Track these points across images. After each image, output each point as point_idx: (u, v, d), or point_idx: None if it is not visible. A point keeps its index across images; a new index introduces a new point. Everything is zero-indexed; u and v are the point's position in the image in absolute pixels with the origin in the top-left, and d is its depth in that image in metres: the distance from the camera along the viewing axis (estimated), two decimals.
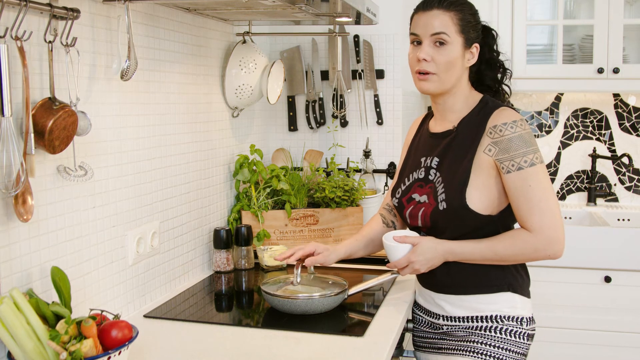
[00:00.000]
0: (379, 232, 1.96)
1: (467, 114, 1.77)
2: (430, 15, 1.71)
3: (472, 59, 1.77)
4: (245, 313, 1.93)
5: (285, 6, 1.78)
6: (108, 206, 1.68)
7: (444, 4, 1.71)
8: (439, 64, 1.71)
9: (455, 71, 1.73)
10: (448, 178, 1.73)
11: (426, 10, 1.72)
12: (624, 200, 3.50)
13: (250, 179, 2.40)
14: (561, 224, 1.66)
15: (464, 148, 1.73)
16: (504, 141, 1.66)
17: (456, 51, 1.71)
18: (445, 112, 1.81)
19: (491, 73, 1.85)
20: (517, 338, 1.73)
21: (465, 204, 1.68)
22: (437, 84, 1.73)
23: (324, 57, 2.86)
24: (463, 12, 1.72)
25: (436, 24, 1.70)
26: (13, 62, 1.31)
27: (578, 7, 3.38)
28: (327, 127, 2.86)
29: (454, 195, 1.69)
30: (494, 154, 1.68)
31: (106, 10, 1.63)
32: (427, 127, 1.90)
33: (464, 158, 1.72)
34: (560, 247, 1.65)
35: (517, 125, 1.67)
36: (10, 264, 1.36)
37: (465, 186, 1.69)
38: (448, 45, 1.70)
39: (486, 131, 1.70)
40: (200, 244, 2.20)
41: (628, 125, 3.46)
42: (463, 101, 1.79)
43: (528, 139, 1.67)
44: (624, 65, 3.13)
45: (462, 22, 1.71)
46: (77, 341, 1.23)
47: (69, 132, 1.41)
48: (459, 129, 1.77)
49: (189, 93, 2.10)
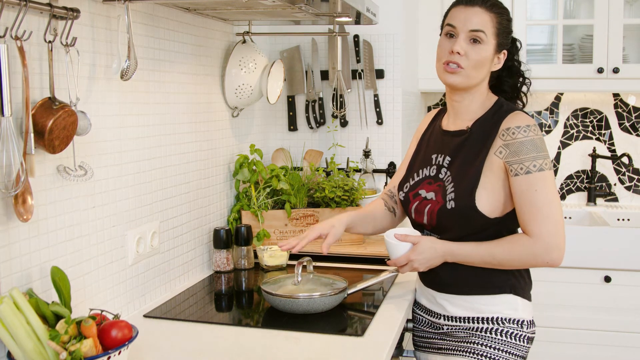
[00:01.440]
0: (380, 213, 1.97)
1: (482, 115, 1.78)
2: (472, 12, 1.72)
3: (499, 64, 1.79)
4: (245, 313, 1.93)
5: (285, 6, 1.78)
6: (108, 206, 1.68)
7: (487, 3, 1.72)
8: (471, 60, 1.72)
9: (483, 71, 1.74)
10: (458, 178, 1.73)
11: (468, 5, 1.73)
12: (623, 200, 3.50)
13: (250, 179, 2.40)
14: (562, 232, 1.66)
15: (476, 149, 1.74)
16: (516, 144, 1.67)
17: (489, 52, 1.73)
18: (461, 111, 1.81)
19: (511, 80, 1.87)
20: (517, 341, 1.74)
21: (474, 204, 1.68)
22: (463, 78, 1.73)
23: (323, 57, 2.86)
24: (502, 16, 1.74)
25: (476, 20, 1.71)
26: (13, 62, 1.31)
27: (578, 7, 3.38)
28: (327, 127, 2.86)
29: (464, 196, 1.69)
30: (505, 156, 1.68)
31: (106, 10, 1.63)
32: (439, 123, 1.90)
33: (476, 159, 1.72)
34: (559, 255, 1.65)
35: (530, 130, 1.67)
36: (10, 264, 1.36)
37: (475, 187, 1.69)
38: (483, 44, 1.71)
39: (499, 133, 1.70)
40: (200, 244, 2.20)
41: (628, 125, 3.46)
42: (480, 102, 1.79)
43: (539, 144, 1.67)
44: (623, 65, 3.13)
45: (499, 26, 1.73)
46: (77, 341, 1.23)
47: (68, 131, 1.41)
48: (472, 130, 1.77)
49: (189, 93, 2.10)
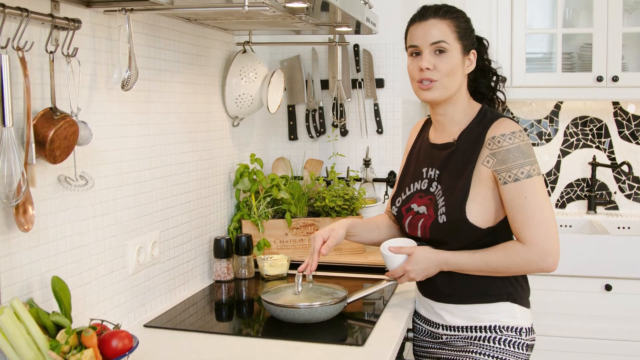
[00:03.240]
0: (385, 223, 1.98)
1: (467, 126, 1.78)
2: (428, 25, 1.72)
3: (471, 65, 1.79)
4: (245, 322, 1.93)
5: (286, 16, 1.79)
6: (108, 216, 1.68)
7: (440, 12, 1.73)
8: (442, 71, 1.72)
9: (457, 78, 1.74)
10: (448, 191, 1.73)
11: (422, 20, 1.74)
12: (624, 208, 3.50)
13: (250, 188, 2.40)
14: (556, 237, 1.66)
15: (464, 160, 1.74)
16: (502, 152, 1.66)
17: (456, 58, 1.73)
18: (445, 123, 1.81)
19: (485, 81, 1.87)
20: (516, 348, 1.73)
21: (465, 217, 1.68)
22: (440, 91, 1.74)
23: (323, 67, 2.86)
24: (458, 19, 1.74)
25: (434, 32, 1.71)
26: (14, 73, 1.31)
27: (577, 16, 3.39)
28: (327, 136, 2.86)
29: (454, 209, 1.69)
30: (492, 165, 1.68)
31: (107, 21, 1.64)
32: (427, 136, 1.90)
33: (464, 171, 1.72)
34: (554, 260, 1.65)
35: (516, 137, 1.67)
36: (11, 274, 1.36)
37: (465, 200, 1.69)
38: (448, 52, 1.72)
39: (485, 143, 1.70)
40: (200, 253, 2.20)
41: (627, 133, 3.46)
42: (463, 111, 1.79)
43: (526, 150, 1.67)
44: (623, 73, 3.14)
45: (458, 29, 1.73)
46: (78, 351, 1.23)
47: (69, 141, 1.41)
48: (459, 142, 1.77)
49: (190, 102, 2.10)
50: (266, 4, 1.54)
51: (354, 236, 1.93)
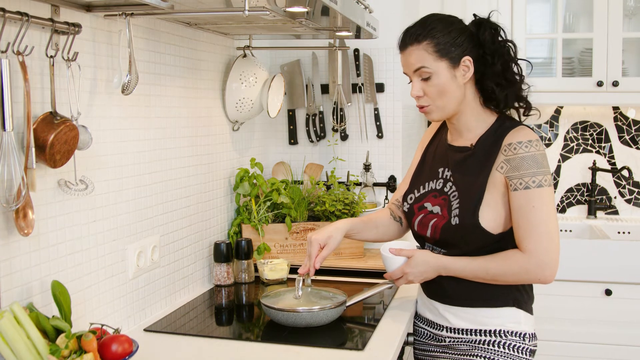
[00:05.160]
0: (384, 221, 1.98)
1: (485, 132, 1.77)
2: (407, 54, 1.73)
3: (468, 72, 1.73)
4: (245, 327, 1.93)
5: (286, 20, 1.79)
6: (108, 220, 1.68)
7: (413, 38, 1.72)
8: (431, 94, 1.73)
9: (452, 94, 1.73)
10: (463, 194, 1.73)
11: (403, 50, 1.75)
12: (624, 213, 3.50)
13: (250, 193, 2.40)
14: (557, 250, 1.66)
15: (480, 165, 1.74)
16: (517, 159, 1.67)
17: (443, 77, 1.71)
18: (461, 129, 1.81)
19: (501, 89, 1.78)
20: (519, 353, 1.73)
21: (478, 222, 1.68)
22: (438, 112, 1.75)
23: (324, 71, 2.87)
24: (434, 37, 1.70)
25: (412, 61, 1.72)
26: (15, 77, 1.32)
27: (577, 21, 3.39)
28: (327, 141, 2.86)
29: (468, 212, 1.70)
30: (506, 171, 1.68)
31: (107, 25, 1.64)
32: (444, 136, 1.89)
33: (480, 175, 1.72)
34: (551, 273, 1.65)
35: (532, 145, 1.67)
36: (11, 278, 1.36)
37: (479, 204, 1.69)
38: (433, 75, 1.71)
39: (501, 149, 1.70)
40: (200, 258, 2.20)
41: (628, 138, 3.46)
42: (476, 118, 1.78)
43: (541, 160, 1.67)
44: (623, 78, 3.14)
45: (438, 47, 1.70)
46: (78, 355, 1.23)
47: (70, 146, 1.41)
48: (476, 147, 1.77)
49: (190, 107, 2.10)
50: (266, 8, 1.54)
51: (353, 236, 1.95)
